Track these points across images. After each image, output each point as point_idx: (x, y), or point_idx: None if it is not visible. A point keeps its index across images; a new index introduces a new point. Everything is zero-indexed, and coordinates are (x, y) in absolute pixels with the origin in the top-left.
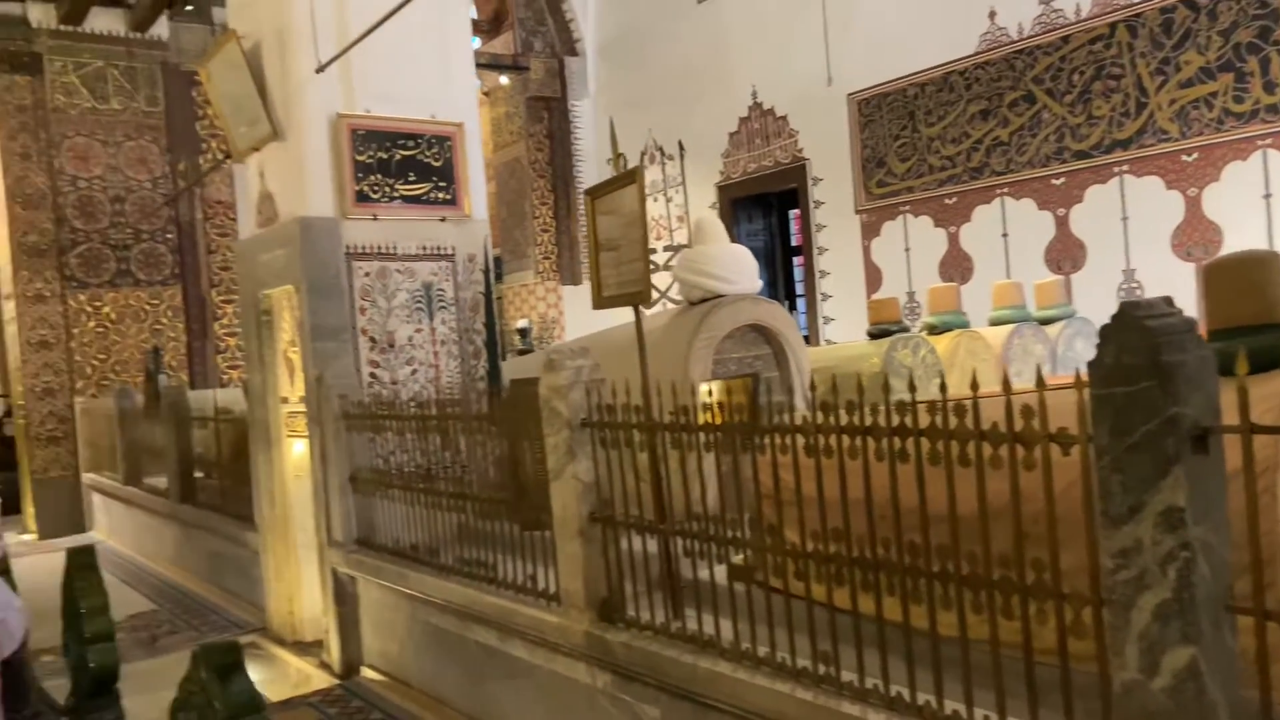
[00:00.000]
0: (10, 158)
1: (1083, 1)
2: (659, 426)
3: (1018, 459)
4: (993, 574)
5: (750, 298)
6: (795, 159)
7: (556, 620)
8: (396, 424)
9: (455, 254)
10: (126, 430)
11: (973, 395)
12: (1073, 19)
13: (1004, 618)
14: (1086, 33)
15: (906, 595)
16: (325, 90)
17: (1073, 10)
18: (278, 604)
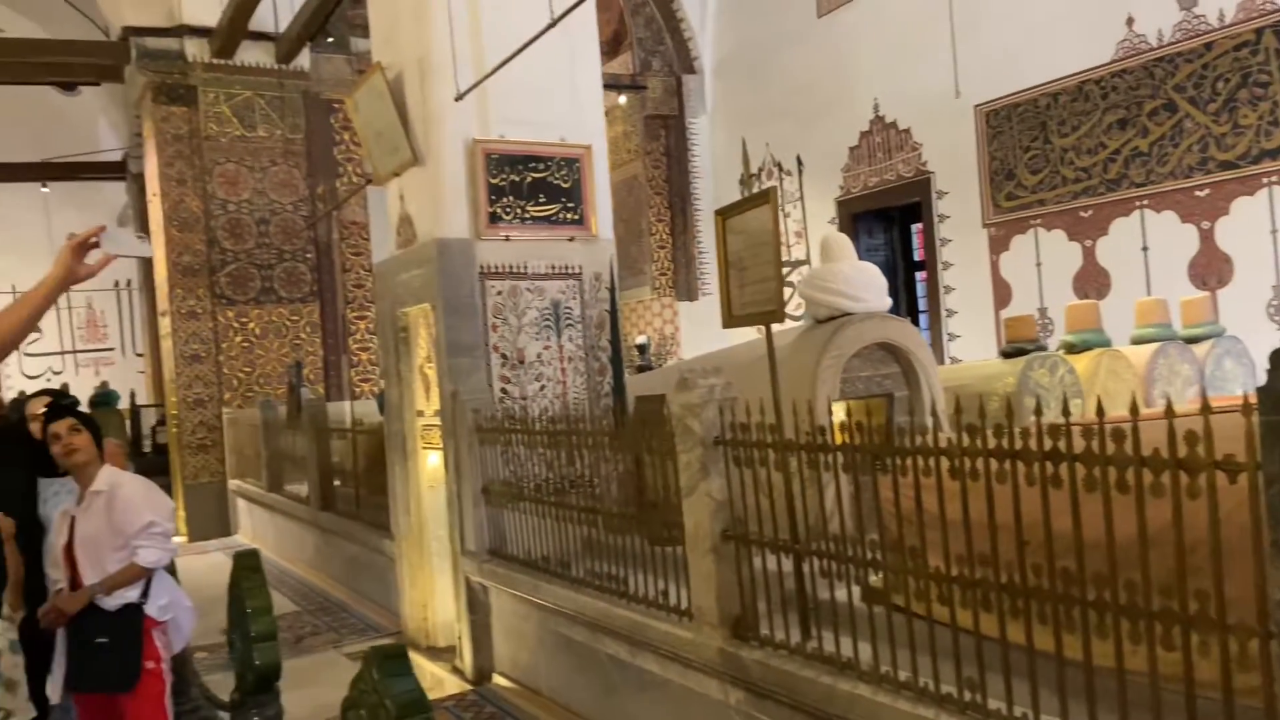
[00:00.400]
0: (168, 184)
1: (1226, 7)
2: (794, 446)
3: (1180, 486)
4: (1152, 604)
5: (879, 315)
6: (919, 172)
7: (689, 636)
8: (527, 438)
9: (582, 273)
10: (270, 440)
11: (1132, 419)
12: (1216, 25)
13: (1163, 649)
14: (1231, 39)
15: (1059, 623)
16: (462, 117)
17: (1215, 16)
18: (412, 610)
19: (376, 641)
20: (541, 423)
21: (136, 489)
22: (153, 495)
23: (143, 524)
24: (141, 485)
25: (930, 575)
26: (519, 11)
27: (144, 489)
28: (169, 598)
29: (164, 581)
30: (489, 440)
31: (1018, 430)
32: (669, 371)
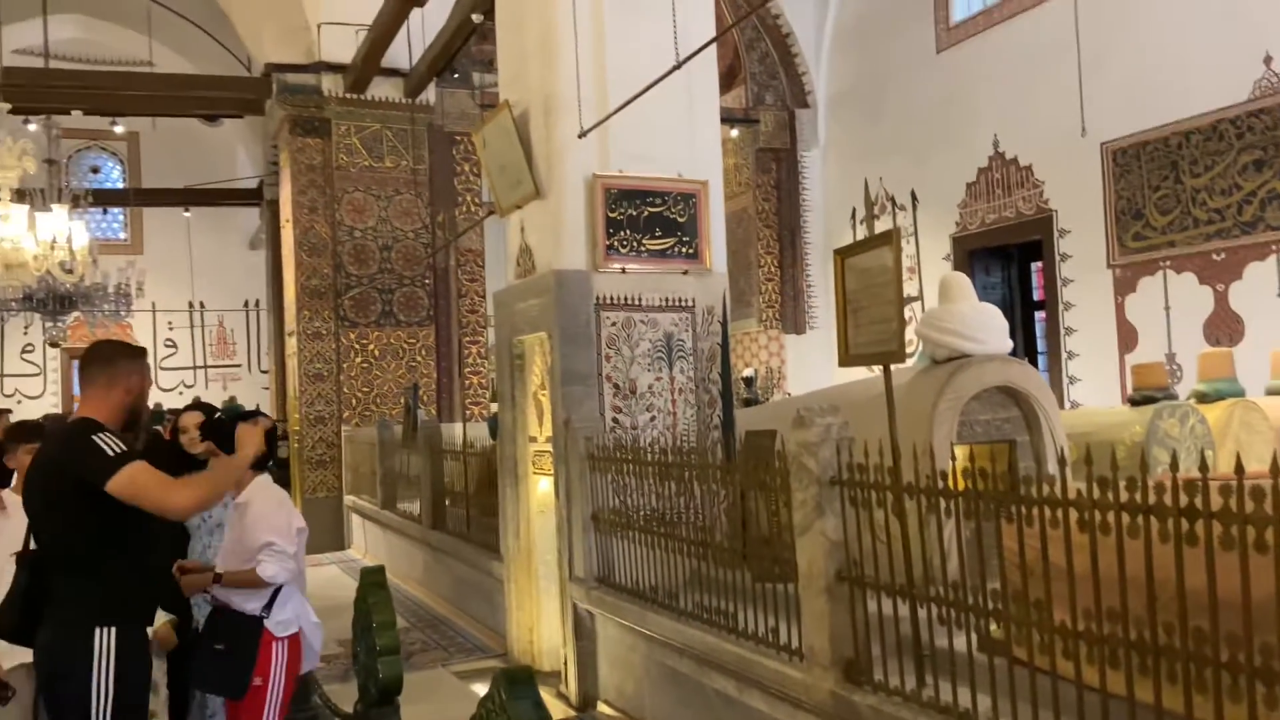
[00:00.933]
0: (300, 210)
1: None
2: (913, 489)
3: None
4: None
5: (1000, 358)
6: (1040, 210)
7: (800, 676)
8: (637, 468)
9: (695, 306)
10: (385, 458)
11: (1272, 476)
12: None
13: None
14: None
15: (1190, 684)
16: (583, 152)
17: None
18: (519, 632)
19: (484, 662)
20: (652, 453)
21: (266, 506)
22: (277, 514)
23: (262, 543)
24: (273, 502)
25: (1055, 629)
26: (642, 51)
27: (273, 506)
28: (294, 614)
29: (291, 598)
30: (599, 468)
31: (1151, 484)
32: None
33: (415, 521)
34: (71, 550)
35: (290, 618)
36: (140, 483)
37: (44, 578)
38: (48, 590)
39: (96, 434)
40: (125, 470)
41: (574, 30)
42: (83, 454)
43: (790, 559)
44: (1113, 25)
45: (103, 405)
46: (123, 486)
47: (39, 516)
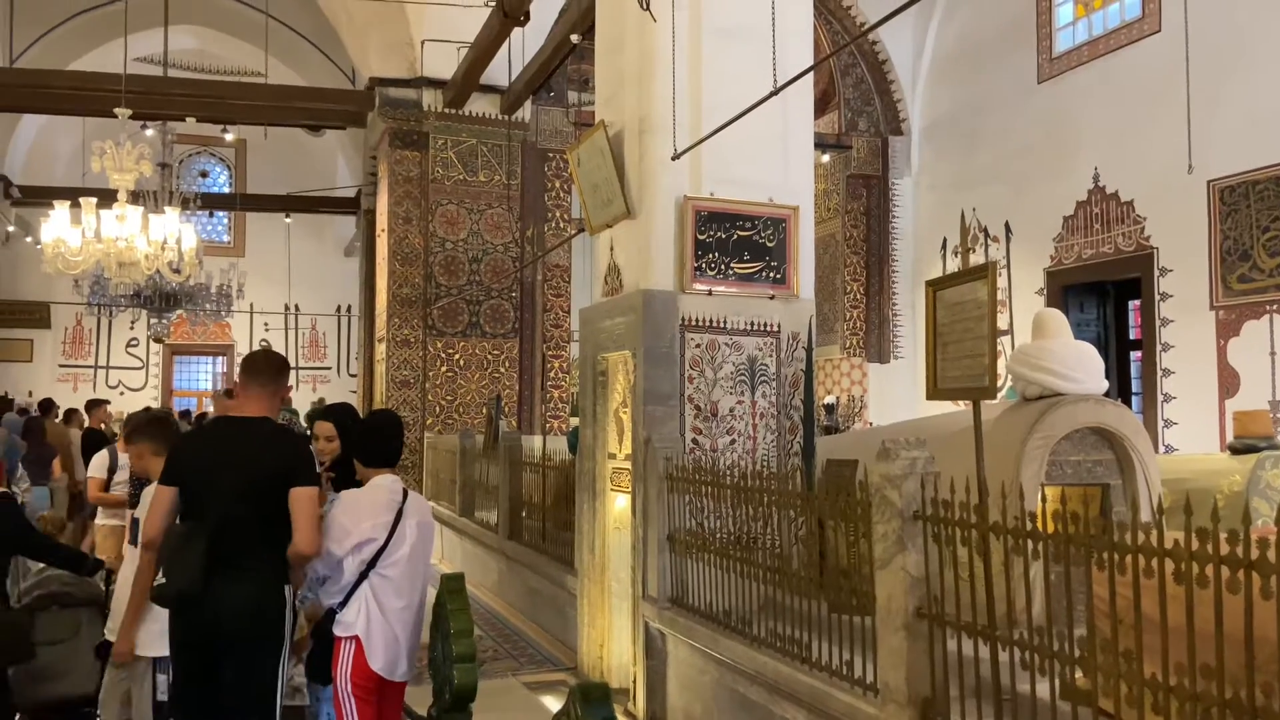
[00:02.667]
0: (395, 220)
1: None
2: (1000, 529)
3: None
4: None
5: (1094, 398)
6: (1140, 247)
7: (873, 711)
8: (715, 490)
9: (780, 331)
10: (465, 466)
11: None
12: None
13: None
14: None
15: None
16: (675, 174)
17: None
18: (589, 647)
19: (553, 674)
20: (732, 476)
21: (338, 509)
22: (340, 519)
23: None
24: (345, 505)
25: (1146, 682)
26: (739, 76)
27: (344, 508)
28: (357, 617)
29: (361, 600)
30: (678, 488)
31: (1254, 538)
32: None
33: (492, 531)
34: (269, 521)
35: (352, 619)
36: (309, 505)
37: (218, 543)
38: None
39: (306, 445)
40: (311, 488)
41: (672, 54)
42: (299, 458)
43: (868, 591)
44: (1224, 60)
45: (267, 407)
46: (303, 497)
47: (226, 493)
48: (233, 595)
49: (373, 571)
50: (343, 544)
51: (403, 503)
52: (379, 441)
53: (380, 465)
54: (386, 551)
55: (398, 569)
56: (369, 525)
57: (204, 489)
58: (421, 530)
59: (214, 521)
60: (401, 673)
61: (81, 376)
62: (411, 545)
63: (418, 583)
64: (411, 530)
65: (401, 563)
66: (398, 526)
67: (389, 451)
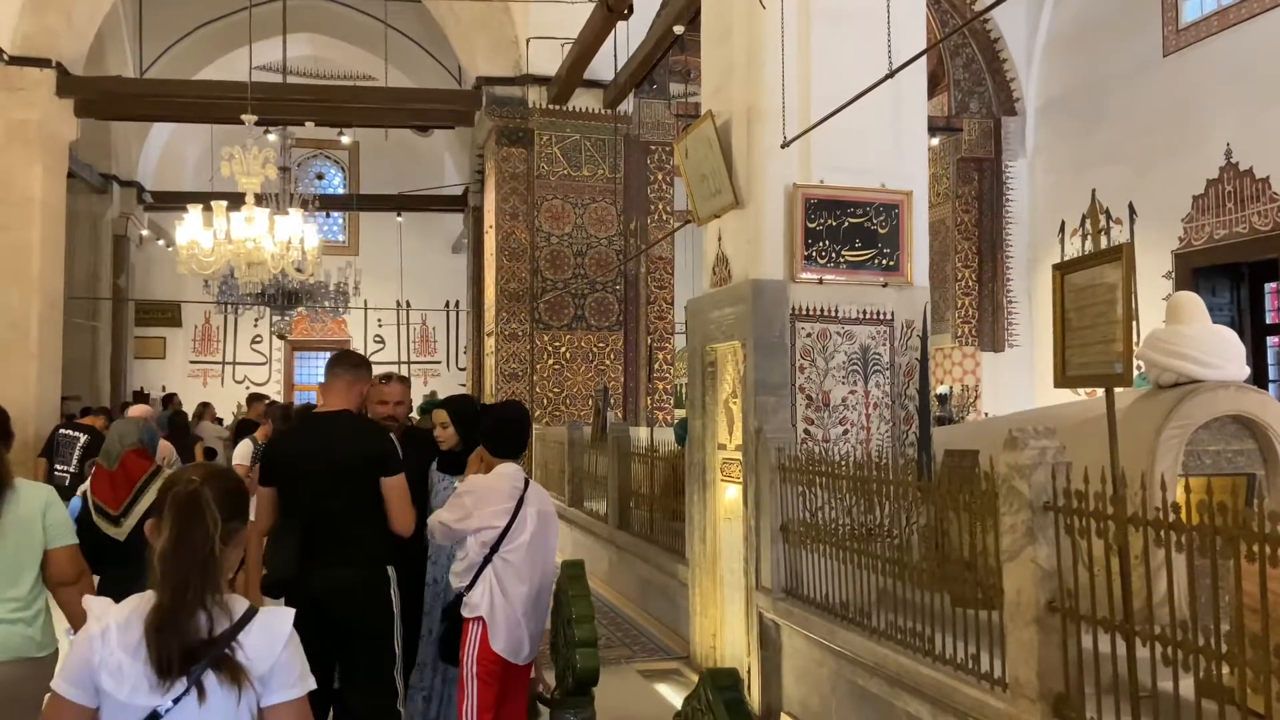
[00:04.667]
0: (502, 217)
1: None
2: (1139, 520)
3: None
4: None
5: (1234, 385)
6: (1277, 226)
7: (1003, 706)
8: (830, 481)
9: (894, 319)
10: (574, 458)
11: None
12: None
13: None
14: None
15: None
16: (785, 163)
17: None
18: (702, 637)
19: (666, 663)
20: (847, 466)
21: (464, 490)
22: (464, 500)
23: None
24: (470, 488)
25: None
26: (848, 61)
27: (469, 490)
28: (481, 599)
29: (484, 583)
30: (790, 479)
31: None
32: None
33: (601, 521)
34: (364, 508)
35: (478, 601)
36: (400, 492)
37: (313, 532)
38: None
39: (388, 436)
40: (398, 477)
41: (780, 41)
42: (383, 449)
43: (994, 584)
44: None
45: (348, 401)
46: (394, 486)
47: (322, 480)
48: (336, 579)
49: (495, 556)
50: (462, 521)
51: (524, 491)
52: (508, 433)
53: (507, 456)
54: (508, 537)
55: (519, 554)
56: (490, 511)
57: (292, 485)
58: (542, 518)
59: (306, 515)
60: (525, 656)
61: (210, 372)
62: (532, 532)
63: (539, 569)
64: (532, 518)
65: (522, 549)
66: (518, 514)
67: (518, 443)
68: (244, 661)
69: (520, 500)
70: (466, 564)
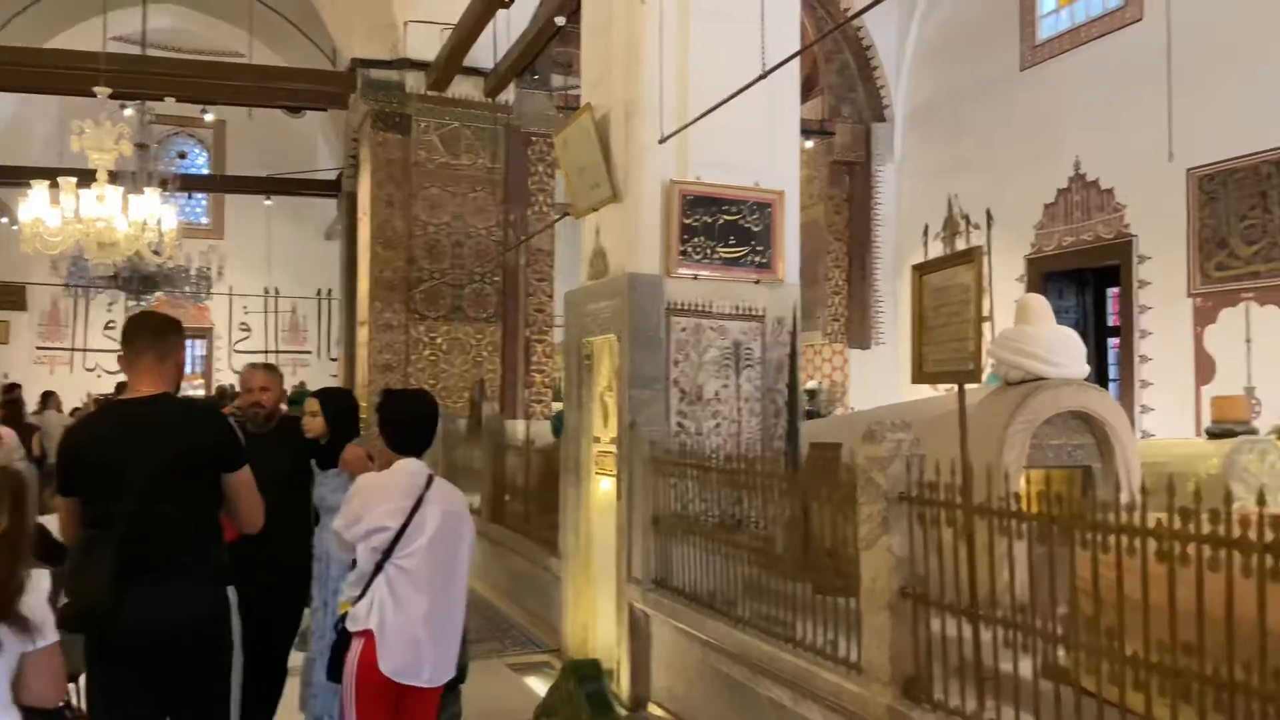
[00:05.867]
0: (377, 204)
1: None
2: (985, 510)
3: None
4: None
5: (1076, 383)
6: (1119, 234)
7: (857, 690)
8: (701, 473)
9: (765, 315)
10: (449, 450)
11: None
12: None
13: None
14: None
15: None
16: (662, 158)
17: None
18: (573, 629)
19: (536, 656)
20: (717, 459)
21: (354, 493)
22: (353, 503)
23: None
24: (360, 488)
25: (1127, 660)
26: (726, 60)
27: (359, 491)
28: (371, 611)
29: (372, 593)
30: (663, 472)
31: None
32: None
33: (475, 514)
34: (196, 515)
35: (363, 613)
36: (249, 487)
37: (133, 547)
38: (134, 560)
39: (225, 419)
40: (247, 469)
41: (659, 37)
42: (221, 435)
43: (853, 573)
44: (1205, 49)
45: (163, 380)
46: (241, 482)
47: (141, 482)
48: (161, 603)
49: (388, 562)
50: (353, 527)
51: (425, 489)
52: (413, 426)
53: (409, 451)
54: (403, 540)
55: (416, 560)
56: (382, 511)
57: (101, 491)
58: (448, 520)
59: (122, 525)
60: (428, 679)
61: (59, 359)
62: (433, 535)
63: (446, 577)
64: (433, 518)
65: (420, 554)
66: (416, 514)
67: (423, 437)
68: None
69: (420, 499)
70: (358, 573)
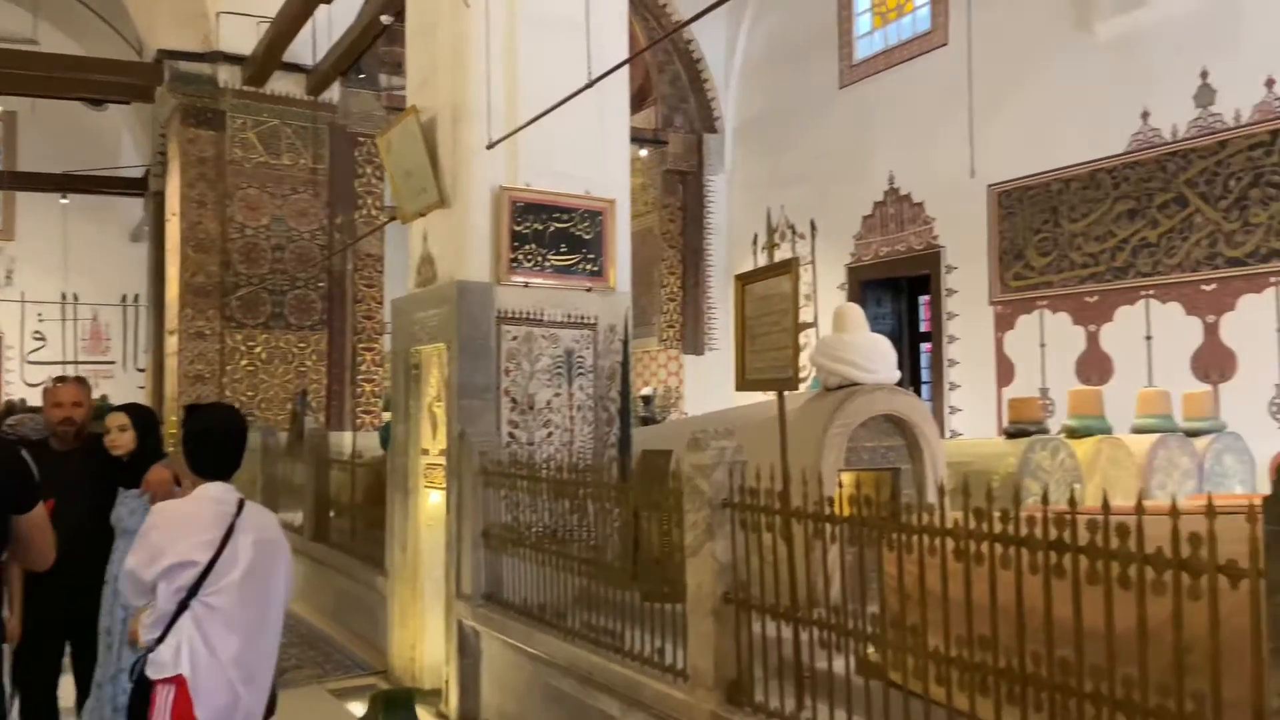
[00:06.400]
0: (188, 204)
1: (1243, 107)
2: (801, 514)
3: (1182, 587)
4: (1149, 700)
5: (887, 388)
6: (929, 246)
7: (683, 697)
8: (532, 484)
9: (598, 323)
10: (268, 466)
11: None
12: (1231, 124)
13: None
14: (1246, 138)
15: (1055, 712)
16: (491, 164)
17: (1231, 116)
18: (400, 649)
19: (362, 679)
20: (548, 469)
21: (150, 524)
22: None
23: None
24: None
25: (929, 654)
26: (555, 66)
27: (159, 523)
28: (179, 655)
29: (177, 635)
30: (493, 483)
31: (1024, 516)
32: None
33: (297, 533)
34: None
35: (169, 658)
36: (40, 524)
37: None
38: None
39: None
40: (41, 507)
41: (486, 42)
42: (17, 476)
43: (680, 580)
44: (1003, 74)
45: None
46: (35, 524)
47: None
48: None
49: (195, 600)
50: (152, 565)
51: (235, 516)
52: (217, 445)
53: (214, 474)
54: (212, 576)
55: (227, 597)
56: (186, 545)
57: None
58: (263, 550)
59: None
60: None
61: None
62: (246, 569)
63: (260, 613)
64: (246, 549)
65: (232, 590)
66: (227, 545)
67: (229, 458)
68: None
69: (230, 528)
70: (157, 614)
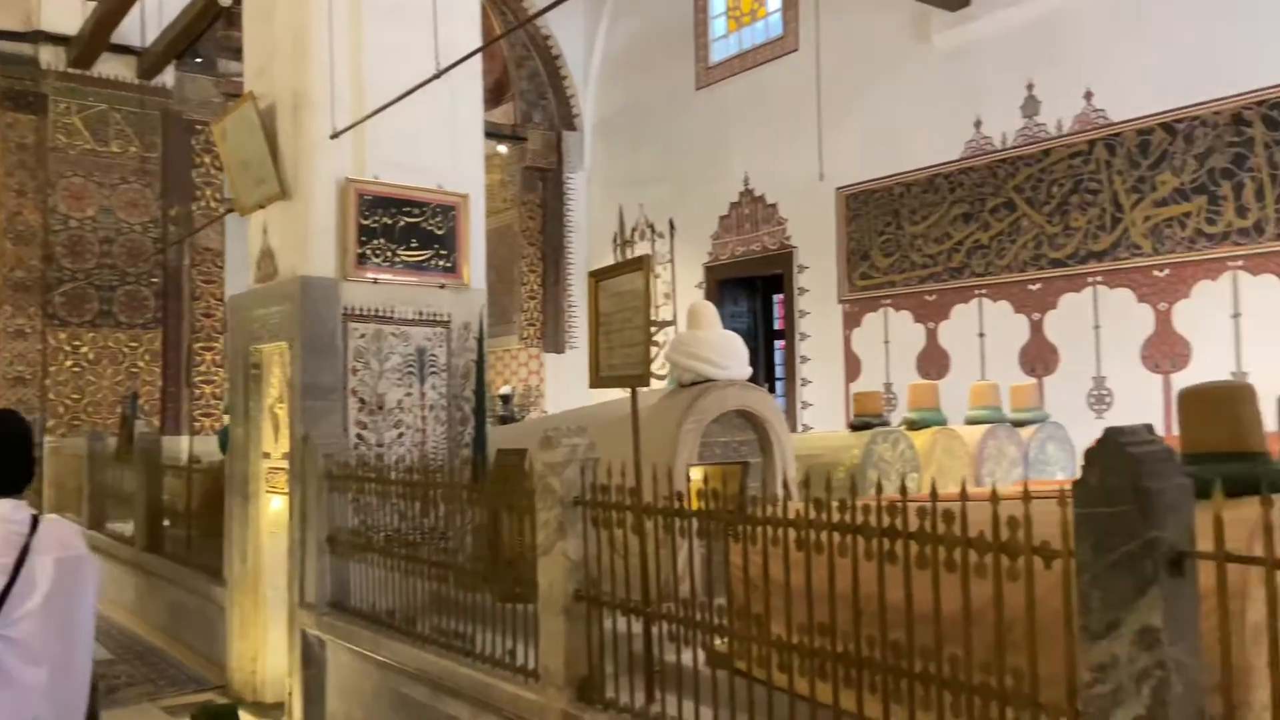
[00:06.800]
0: (6, 193)
1: (1064, 118)
2: (651, 510)
3: (1002, 568)
4: (973, 678)
5: (739, 384)
6: (783, 246)
7: (534, 697)
8: (380, 487)
9: (451, 321)
10: (95, 473)
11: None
12: (1054, 134)
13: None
14: (1067, 148)
15: (888, 694)
16: (336, 155)
17: (1054, 125)
18: (240, 662)
19: (198, 695)
20: (397, 471)
21: None
22: None
23: None
24: None
25: (771, 642)
26: (402, 55)
27: None
28: None
29: None
30: (339, 487)
31: (860, 505)
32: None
33: (127, 544)
34: None
35: None
36: None
37: None
38: None
39: None
40: None
41: (329, 29)
42: None
43: (534, 579)
44: (852, 81)
45: None
46: None
47: None
48: None
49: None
50: None
51: (29, 536)
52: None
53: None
54: (5, 607)
55: (28, 626)
56: None
57: None
58: (64, 569)
59: None
60: None
61: None
62: (47, 593)
63: (65, 639)
64: (45, 571)
65: (33, 617)
66: (21, 570)
67: (15, 471)
68: None
69: (24, 549)
70: None
